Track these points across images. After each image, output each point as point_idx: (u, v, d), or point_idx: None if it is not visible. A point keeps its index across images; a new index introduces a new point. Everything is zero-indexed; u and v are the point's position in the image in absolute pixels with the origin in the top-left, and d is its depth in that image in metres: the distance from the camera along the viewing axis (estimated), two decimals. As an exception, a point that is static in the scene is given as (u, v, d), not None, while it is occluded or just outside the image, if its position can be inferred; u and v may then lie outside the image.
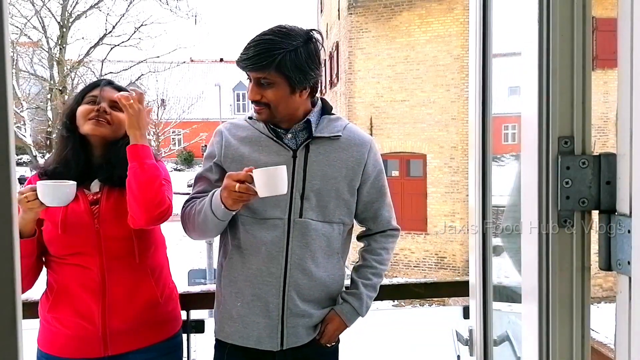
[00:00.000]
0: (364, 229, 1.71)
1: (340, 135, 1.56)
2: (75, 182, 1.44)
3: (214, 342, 1.64)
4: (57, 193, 1.40)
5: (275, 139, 1.54)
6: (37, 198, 1.39)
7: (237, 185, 1.36)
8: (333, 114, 1.61)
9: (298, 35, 1.46)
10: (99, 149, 1.59)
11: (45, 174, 1.55)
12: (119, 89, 1.60)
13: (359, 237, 1.71)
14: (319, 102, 1.61)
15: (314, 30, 1.51)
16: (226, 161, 1.55)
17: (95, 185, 1.57)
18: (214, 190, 1.48)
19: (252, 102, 1.51)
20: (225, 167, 1.55)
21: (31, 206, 1.40)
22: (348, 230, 1.62)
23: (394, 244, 1.70)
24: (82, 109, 1.56)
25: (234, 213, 1.46)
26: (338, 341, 1.65)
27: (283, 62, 1.42)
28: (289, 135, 1.54)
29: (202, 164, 1.66)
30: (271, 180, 1.35)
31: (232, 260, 1.56)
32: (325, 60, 17.09)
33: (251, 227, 1.52)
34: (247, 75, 1.49)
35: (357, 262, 1.69)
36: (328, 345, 1.59)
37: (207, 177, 1.59)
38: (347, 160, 1.56)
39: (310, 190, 1.51)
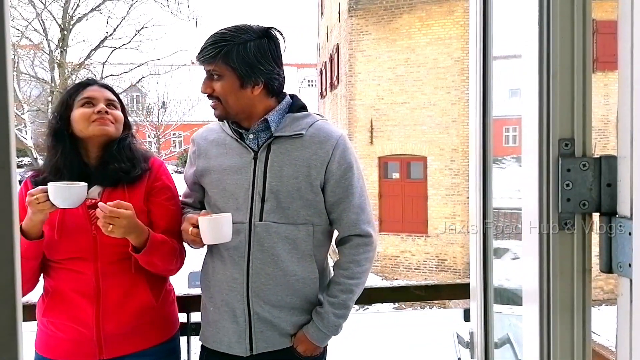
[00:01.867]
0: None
1: (302, 134, 1.50)
2: (86, 184, 1.41)
3: None
4: (68, 194, 1.37)
5: (238, 140, 1.53)
6: (48, 199, 1.37)
7: (190, 229, 1.45)
8: (304, 112, 1.55)
9: (252, 31, 1.46)
10: (95, 151, 1.56)
11: (36, 183, 1.50)
12: (105, 87, 1.62)
13: (336, 244, 1.61)
14: (286, 99, 1.56)
15: (273, 28, 1.50)
16: (198, 170, 1.60)
17: (94, 191, 1.54)
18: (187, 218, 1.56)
19: (207, 96, 1.51)
20: (198, 177, 1.60)
21: (42, 208, 1.37)
22: (322, 230, 1.54)
23: (367, 254, 1.54)
24: (80, 113, 1.53)
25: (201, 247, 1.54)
26: (325, 354, 1.60)
27: (229, 54, 1.43)
28: (251, 136, 1.52)
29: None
30: (213, 229, 1.41)
31: (206, 266, 1.60)
32: (325, 62, 17.09)
33: None
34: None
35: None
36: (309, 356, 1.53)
37: (187, 182, 1.69)
38: (309, 159, 1.48)
39: (270, 191, 1.47)
